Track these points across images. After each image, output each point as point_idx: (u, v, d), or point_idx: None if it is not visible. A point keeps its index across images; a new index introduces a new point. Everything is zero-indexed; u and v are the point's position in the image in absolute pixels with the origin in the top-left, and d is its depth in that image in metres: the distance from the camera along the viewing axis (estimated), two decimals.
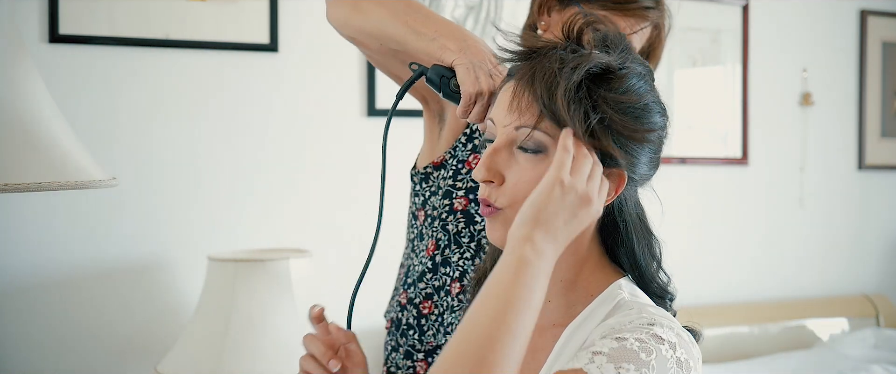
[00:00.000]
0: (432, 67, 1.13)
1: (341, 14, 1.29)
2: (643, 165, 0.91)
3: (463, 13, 2.60)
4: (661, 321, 0.85)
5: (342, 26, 1.30)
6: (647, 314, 0.86)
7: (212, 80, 2.32)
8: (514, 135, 0.89)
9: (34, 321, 2.16)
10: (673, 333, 0.84)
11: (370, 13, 1.24)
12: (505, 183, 0.90)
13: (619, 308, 0.89)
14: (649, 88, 0.91)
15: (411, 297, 1.35)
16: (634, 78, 0.89)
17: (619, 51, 0.91)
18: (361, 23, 1.26)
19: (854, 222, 3.28)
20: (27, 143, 1.18)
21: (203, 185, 2.31)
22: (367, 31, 1.25)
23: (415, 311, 1.34)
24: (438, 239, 1.30)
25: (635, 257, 0.95)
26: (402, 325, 1.35)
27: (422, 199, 1.34)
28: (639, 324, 0.83)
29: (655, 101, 0.91)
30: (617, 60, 0.89)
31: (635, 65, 0.91)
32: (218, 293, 1.99)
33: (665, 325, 0.84)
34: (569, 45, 0.90)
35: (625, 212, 0.94)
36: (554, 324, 0.94)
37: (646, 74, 0.92)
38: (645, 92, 0.90)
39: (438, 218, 1.30)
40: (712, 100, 3.03)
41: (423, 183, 1.34)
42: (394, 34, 1.21)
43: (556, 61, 0.87)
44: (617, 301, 0.90)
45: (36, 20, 2.15)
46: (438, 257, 1.30)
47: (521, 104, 0.88)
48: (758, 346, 2.90)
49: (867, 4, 3.25)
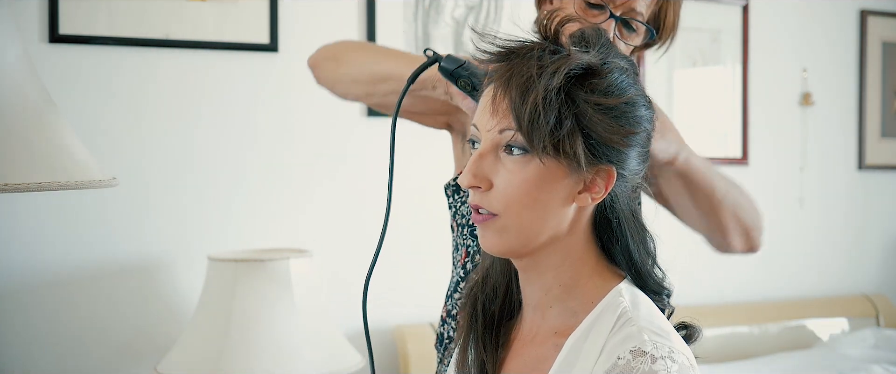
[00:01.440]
0: (447, 57, 1.10)
1: (328, 72, 1.34)
2: (632, 160, 0.90)
3: (463, 13, 2.60)
4: (662, 349, 0.84)
5: (335, 84, 1.35)
6: (649, 336, 0.85)
7: (212, 80, 2.32)
8: (498, 138, 0.88)
9: (34, 321, 2.16)
10: (676, 366, 0.83)
11: (353, 61, 1.29)
12: (493, 188, 0.89)
13: (621, 323, 0.88)
14: (632, 81, 0.90)
15: (449, 309, 1.35)
16: (617, 73, 0.88)
17: (599, 47, 0.89)
18: (348, 72, 1.30)
19: (854, 222, 3.28)
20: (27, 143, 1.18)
21: (203, 185, 2.31)
22: (357, 78, 1.29)
23: (453, 323, 1.33)
24: (468, 246, 1.31)
25: (630, 253, 0.94)
26: (444, 339, 1.35)
27: (454, 210, 1.35)
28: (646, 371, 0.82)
29: (639, 94, 0.90)
30: (597, 58, 0.88)
31: (617, 60, 0.90)
32: (218, 293, 1.99)
33: (665, 355, 0.83)
34: (547, 46, 0.89)
35: (617, 208, 0.93)
36: (556, 333, 0.92)
37: (628, 68, 0.91)
38: (628, 86, 0.88)
39: (467, 225, 1.31)
40: (712, 100, 3.03)
41: (455, 195, 1.35)
42: (381, 70, 1.24)
43: (534, 64, 0.86)
44: (619, 312, 0.89)
45: (36, 20, 2.15)
46: (469, 265, 1.30)
47: (501, 108, 0.87)
48: (758, 346, 2.90)
49: (867, 4, 3.25)
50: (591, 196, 0.89)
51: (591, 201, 0.90)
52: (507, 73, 0.88)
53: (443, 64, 1.10)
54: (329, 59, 1.35)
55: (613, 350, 0.85)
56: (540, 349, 0.93)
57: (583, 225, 0.92)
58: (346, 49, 1.36)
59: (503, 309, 1.01)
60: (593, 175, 0.89)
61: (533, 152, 0.86)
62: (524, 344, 0.97)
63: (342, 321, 2.32)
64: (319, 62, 1.37)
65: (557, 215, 0.89)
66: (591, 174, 0.88)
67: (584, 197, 0.89)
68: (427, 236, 2.36)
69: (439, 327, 1.37)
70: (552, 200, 0.88)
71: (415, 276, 2.42)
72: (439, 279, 1.68)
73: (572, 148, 0.85)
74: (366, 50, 1.31)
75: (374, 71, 1.26)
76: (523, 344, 0.98)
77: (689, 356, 0.87)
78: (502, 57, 0.91)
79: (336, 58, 1.33)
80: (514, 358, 0.98)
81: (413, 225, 2.39)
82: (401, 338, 2.40)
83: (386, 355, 2.44)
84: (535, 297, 0.95)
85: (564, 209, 0.90)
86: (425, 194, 2.37)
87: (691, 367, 0.85)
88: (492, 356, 0.99)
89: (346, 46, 1.38)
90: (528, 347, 0.96)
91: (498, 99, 0.88)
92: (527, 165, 0.87)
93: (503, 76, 0.88)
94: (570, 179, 0.88)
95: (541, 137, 0.84)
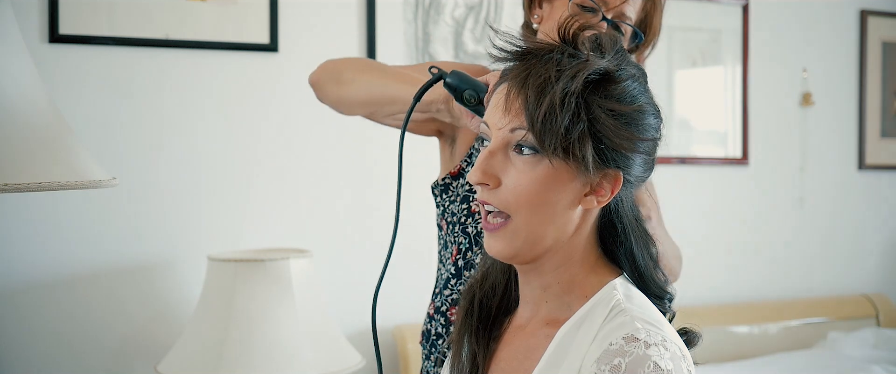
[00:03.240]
0: (452, 72, 1.09)
1: (330, 92, 1.35)
2: (638, 166, 0.91)
3: (463, 13, 2.60)
4: (655, 337, 0.84)
5: (337, 104, 1.35)
6: (642, 324, 0.85)
7: (212, 80, 2.32)
8: (510, 137, 0.89)
9: (34, 321, 2.16)
10: (668, 354, 0.83)
11: (355, 82, 1.29)
12: (502, 185, 0.89)
13: (614, 313, 0.88)
14: (643, 89, 0.92)
15: (437, 305, 1.36)
16: (629, 80, 0.89)
17: (614, 53, 0.91)
18: (351, 93, 1.31)
19: (854, 222, 3.28)
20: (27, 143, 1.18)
21: (203, 185, 2.31)
22: (359, 99, 1.30)
23: (442, 319, 1.35)
24: (460, 243, 1.32)
25: (634, 258, 0.95)
26: (431, 335, 1.37)
27: (442, 208, 1.37)
28: (639, 355, 0.82)
29: (649, 102, 0.91)
30: (613, 64, 0.89)
31: (630, 67, 0.91)
32: (218, 293, 2.00)
33: (658, 343, 0.83)
34: (566, 49, 0.90)
35: (621, 213, 0.94)
36: (548, 323, 0.94)
37: (639, 76, 0.92)
38: (639, 93, 0.90)
39: (458, 223, 1.32)
40: (712, 100, 3.03)
41: (443, 194, 1.37)
42: (385, 93, 1.24)
43: (552, 66, 0.87)
44: (612, 304, 0.89)
45: (36, 20, 2.15)
46: (461, 262, 1.32)
47: (514, 107, 0.88)
48: (758, 346, 2.90)
49: (867, 4, 3.25)
50: (596, 199, 0.91)
51: (596, 204, 0.91)
52: (524, 72, 0.89)
53: (448, 80, 1.09)
54: (331, 79, 1.34)
55: (606, 337, 0.86)
56: (531, 338, 0.94)
57: (586, 229, 0.93)
58: (348, 68, 1.34)
59: (501, 305, 1.03)
60: (600, 179, 0.90)
61: (543, 153, 0.87)
62: (515, 334, 0.99)
63: (342, 320, 2.32)
64: (321, 81, 1.37)
65: (563, 216, 0.90)
66: (598, 178, 0.89)
67: (591, 200, 0.90)
68: (427, 236, 2.36)
69: (425, 323, 1.38)
70: (559, 201, 0.89)
71: (415, 276, 2.42)
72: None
73: (581, 151, 0.86)
74: (368, 70, 1.31)
75: (379, 94, 1.26)
76: (514, 334, 0.99)
77: (680, 346, 0.88)
78: (519, 56, 0.91)
79: (338, 78, 1.32)
80: (505, 348, 0.99)
81: (413, 226, 2.38)
82: (401, 338, 2.40)
83: (386, 355, 2.44)
84: (534, 294, 0.96)
85: (571, 212, 0.91)
86: (425, 195, 2.37)
87: (683, 357, 0.86)
88: (484, 348, 1.00)
89: (347, 65, 1.36)
90: (520, 337, 0.97)
91: (511, 97, 0.89)
92: (536, 166, 0.88)
93: (519, 76, 0.89)
94: (578, 182, 0.89)
95: (552, 138, 0.85)
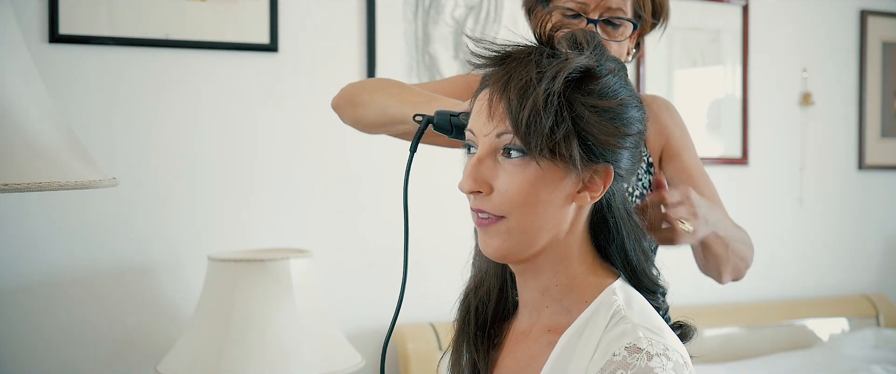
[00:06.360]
0: (436, 113, 1.08)
1: (347, 115, 1.39)
2: (626, 159, 0.91)
3: (463, 13, 2.60)
4: (657, 347, 0.84)
5: (355, 125, 1.39)
6: (644, 333, 0.85)
7: (212, 80, 2.32)
8: (496, 142, 0.89)
9: (34, 321, 2.16)
10: (671, 364, 0.83)
11: (369, 104, 1.31)
12: (494, 191, 0.89)
13: (615, 320, 0.88)
14: (624, 83, 0.91)
15: None
16: (610, 76, 0.89)
17: (592, 49, 0.90)
18: (365, 115, 1.33)
19: (854, 222, 3.28)
20: (27, 143, 1.18)
21: (203, 185, 2.31)
22: (375, 122, 1.32)
23: None
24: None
25: (626, 252, 0.95)
26: None
27: None
28: (642, 368, 0.82)
29: (631, 95, 0.91)
30: (593, 60, 0.89)
31: (609, 62, 0.91)
32: (218, 293, 2.00)
33: (661, 353, 0.83)
34: (544, 50, 0.89)
35: (613, 207, 0.95)
36: (549, 330, 0.93)
37: (619, 70, 0.92)
38: (620, 88, 0.90)
39: None
40: (712, 100, 3.03)
41: None
42: (394, 114, 1.25)
43: (532, 68, 0.87)
44: (613, 310, 0.89)
45: (36, 20, 2.15)
46: None
47: (498, 111, 0.88)
48: (758, 346, 2.90)
49: (867, 4, 3.25)
50: (590, 195, 0.91)
51: (590, 199, 0.91)
52: (505, 76, 0.88)
53: (436, 123, 1.08)
54: (347, 102, 1.38)
55: (608, 347, 0.86)
56: (533, 346, 0.94)
57: (580, 226, 0.94)
58: (364, 90, 1.38)
59: (497, 311, 1.02)
60: (591, 175, 0.90)
61: (530, 155, 0.87)
62: (517, 342, 0.98)
63: (342, 321, 2.32)
64: (339, 105, 1.41)
65: (558, 214, 0.90)
66: (589, 174, 0.90)
67: (584, 196, 0.90)
68: (427, 236, 2.36)
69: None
70: (553, 200, 0.89)
71: (415, 276, 2.42)
72: (439, 279, 1.67)
73: (568, 150, 0.86)
74: (382, 90, 1.33)
75: (388, 115, 1.28)
76: (516, 342, 0.99)
77: (683, 353, 0.87)
78: (498, 61, 0.91)
79: (354, 101, 1.36)
80: (506, 356, 0.99)
81: (413, 226, 2.38)
82: (401, 338, 2.40)
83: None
84: (533, 298, 0.96)
85: (564, 209, 0.91)
86: (425, 196, 2.37)
87: (686, 365, 0.86)
88: (484, 356, 1.00)
89: (364, 87, 1.40)
90: (522, 344, 0.97)
91: (494, 103, 0.89)
92: (526, 168, 0.88)
93: (500, 80, 0.88)
94: (569, 180, 0.89)
95: (538, 140, 0.85)
